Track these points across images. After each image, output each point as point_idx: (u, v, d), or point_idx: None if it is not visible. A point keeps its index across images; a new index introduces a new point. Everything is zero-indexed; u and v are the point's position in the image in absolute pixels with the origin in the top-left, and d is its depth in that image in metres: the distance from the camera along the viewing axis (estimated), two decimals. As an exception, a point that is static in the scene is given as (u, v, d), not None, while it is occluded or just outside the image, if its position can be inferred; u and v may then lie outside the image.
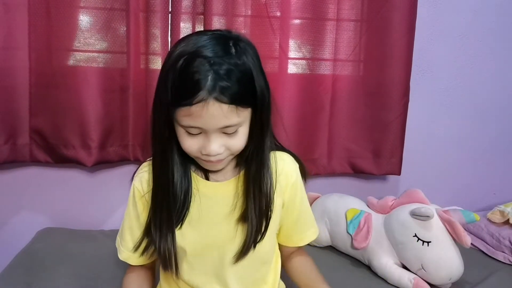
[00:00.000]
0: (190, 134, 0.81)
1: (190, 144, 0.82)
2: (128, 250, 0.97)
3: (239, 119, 0.80)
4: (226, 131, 0.81)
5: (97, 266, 1.32)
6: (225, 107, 0.76)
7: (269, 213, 0.92)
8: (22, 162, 1.56)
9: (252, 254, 0.93)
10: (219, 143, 0.81)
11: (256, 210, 0.89)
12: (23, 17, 1.45)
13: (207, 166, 0.88)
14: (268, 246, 0.96)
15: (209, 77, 0.75)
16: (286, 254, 1.05)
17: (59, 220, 1.64)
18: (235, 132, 0.82)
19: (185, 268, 0.94)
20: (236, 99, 0.77)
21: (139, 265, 1.00)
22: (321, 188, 1.67)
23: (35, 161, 1.55)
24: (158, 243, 0.89)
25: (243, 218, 0.91)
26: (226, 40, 0.80)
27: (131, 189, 0.96)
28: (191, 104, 0.76)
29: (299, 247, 1.05)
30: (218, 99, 0.75)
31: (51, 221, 1.64)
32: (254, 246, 0.92)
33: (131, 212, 0.96)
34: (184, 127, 0.80)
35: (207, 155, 0.82)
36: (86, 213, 1.68)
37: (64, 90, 1.49)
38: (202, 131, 0.80)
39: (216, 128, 0.79)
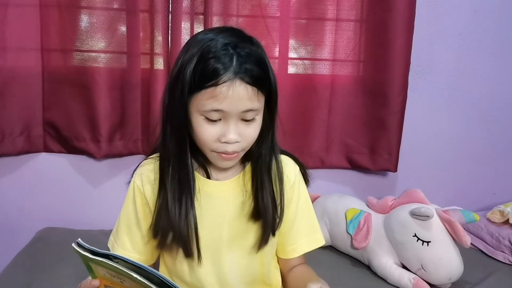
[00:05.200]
0: (209, 121, 0.81)
1: (208, 132, 0.82)
2: (124, 249, 0.94)
3: (259, 105, 0.82)
4: (246, 116, 0.81)
5: (97, 266, 1.32)
6: (249, 88, 0.79)
7: (283, 201, 0.92)
8: (34, 153, 1.64)
9: (252, 254, 0.93)
10: (237, 131, 0.82)
11: (270, 203, 0.89)
12: (35, 19, 1.53)
13: (220, 162, 0.87)
14: (272, 245, 0.96)
15: (234, 59, 0.78)
16: (286, 269, 1.02)
17: (59, 220, 1.64)
18: (253, 120, 0.83)
19: (185, 269, 0.94)
20: (258, 82, 0.80)
21: None
22: (319, 181, 1.68)
23: (49, 151, 1.64)
24: (178, 227, 0.86)
25: (255, 214, 0.90)
26: (240, 32, 0.84)
27: (130, 186, 0.95)
28: (217, 84, 0.77)
29: (299, 259, 1.01)
30: (243, 80, 0.78)
31: (51, 221, 1.64)
32: (274, 234, 0.92)
33: (129, 210, 0.94)
34: (205, 112, 0.80)
35: (226, 143, 0.82)
36: (86, 212, 1.69)
37: (74, 87, 1.57)
38: (222, 117, 0.81)
39: (238, 112, 0.80)
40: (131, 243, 0.94)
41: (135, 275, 0.65)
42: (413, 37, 1.68)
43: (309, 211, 1.01)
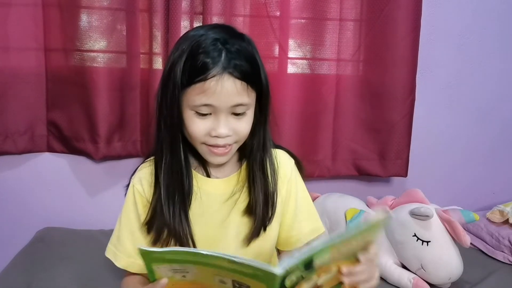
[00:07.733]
0: (199, 115, 0.82)
1: (198, 127, 0.82)
2: (129, 257, 0.93)
3: (249, 100, 0.83)
4: (236, 110, 0.82)
5: (97, 266, 1.32)
6: (238, 83, 0.80)
7: (275, 197, 0.92)
8: (36, 153, 1.63)
9: (252, 249, 0.93)
10: (228, 125, 0.83)
11: (261, 198, 0.90)
12: (37, 18, 1.53)
13: (211, 157, 0.87)
14: (269, 239, 0.96)
15: (223, 54, 0.79)
16: None
17: (59, 220, 1.64)
18: (243, 114, 0.83)
19: None
20: (247, 77, 0.81)
21: (139, 273, 0.94)
22: (324, 190, 1.66)
23: (51, 151, 1.64)
24: (173, 225, 0.87)
25: (248, 210, 0.91)
26: (231, 28, 0.86)
27: (129, 192, 0.94)
28: (206, 79, 0.78)
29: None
30: (232, 74, 0.79)
31: (51, 221, 1.64)
32: (265, 229, 0.92)
33: (131, 215, 0.93)
34: (195, 107, 0.81)
35: (216, 137, 0.83)
36: (86, 212, 1.69)
37: (75, 87, 1.56)
38: (213, 112, 0.82)
39: (228, 106, 0.81)
40: (135, 248, 0.93)
41: (204, 252, 0.64)
42: (419, 36, 1.65)
43: (308, 202, 1.02)
